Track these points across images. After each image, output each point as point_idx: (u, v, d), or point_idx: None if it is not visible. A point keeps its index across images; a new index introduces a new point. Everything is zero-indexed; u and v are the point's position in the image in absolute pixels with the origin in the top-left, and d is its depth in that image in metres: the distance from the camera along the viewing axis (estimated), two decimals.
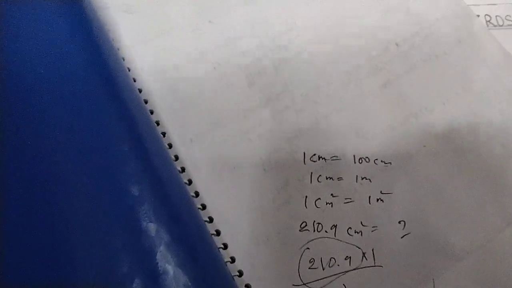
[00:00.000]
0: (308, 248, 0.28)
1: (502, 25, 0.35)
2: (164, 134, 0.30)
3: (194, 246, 0.25)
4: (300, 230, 0.28)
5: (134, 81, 0.31)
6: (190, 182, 0.29)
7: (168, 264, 0.22)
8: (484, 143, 0.31)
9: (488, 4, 0.37)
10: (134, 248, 0.22)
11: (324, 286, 0.27)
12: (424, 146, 0.31)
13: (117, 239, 0.22)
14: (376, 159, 0.30)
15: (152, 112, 0.30)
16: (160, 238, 0.23)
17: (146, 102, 0.30)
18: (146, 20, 0.34)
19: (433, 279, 0.28)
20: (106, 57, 0.29)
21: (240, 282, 0.27)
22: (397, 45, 0.33)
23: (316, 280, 0.27)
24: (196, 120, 0.31)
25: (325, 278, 0.28)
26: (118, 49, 0.32)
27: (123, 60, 0.31)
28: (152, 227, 0.23)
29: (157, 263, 0.22)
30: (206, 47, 0.33)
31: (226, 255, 0.27)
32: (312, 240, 0.28)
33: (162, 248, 0.22)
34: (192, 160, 0.30)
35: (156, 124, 0.30)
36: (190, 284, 0.22)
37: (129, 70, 0.31)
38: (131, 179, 0.24)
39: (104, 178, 0.24)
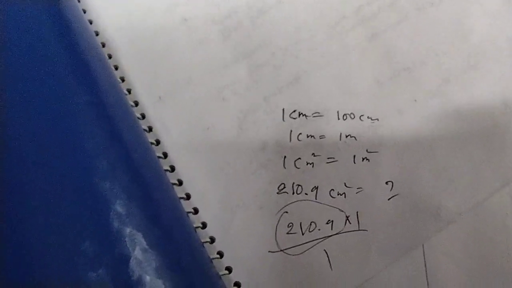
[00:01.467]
0: (286, 212, 0.26)
1: None
2: (129, 91, 0.28)
3: (160, 213, 0.22)
4: (278, 193, 0.26)
5: (97, 34, 0.28)
6: (158, 142, 0.27)
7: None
8: (481, 98, 0.28)
9: None
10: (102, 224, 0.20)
11: (303, 252, 0.25)
12: (415, 100, 0.28)
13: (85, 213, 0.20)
14: (362, 115, 0.28)
15: (116, 68, 0.28)
16: (128, 214, 0.20)
17: (110, 57, 0.28)
18: None
19: (422, 244, 0.25)
20: (63, 8, 0.26)
21: (212, 248, 0.25)
22: None
23: (294, 246, 0.25)
24: (165, 77, 0.28)
25: (304, 243, 0.25)
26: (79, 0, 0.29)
27: (84, 12, 0.29)
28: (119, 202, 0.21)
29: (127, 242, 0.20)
30: (174, 0, 0.30)
31: (196, 221, 0.25)
32: (291, 203, 0.26)
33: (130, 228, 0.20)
34: (161, 119, 0.28)
35: (121, 81, 0.27)
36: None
37: (91, 23, 0.28)
38: (93, 142, 0.22)
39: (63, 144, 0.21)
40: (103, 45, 0.28)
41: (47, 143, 0.21)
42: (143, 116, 0.27)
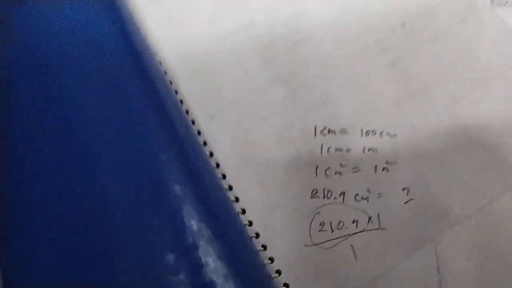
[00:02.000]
0: (318, 213, 0.31)
1: (506, 3, 0.36)
2: (187, 112, 0.33)
3: (220, 217, 0.28)
4: (311, 197, 0.31)
5: (160, 64, 0.34)
6: (211, 154, 0.32)
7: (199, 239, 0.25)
8: (486, 115, 0.33)
9: None
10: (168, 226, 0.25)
11: (333, 246, 0.30)
12: (428, 118, 0.33)
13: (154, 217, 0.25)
14: (382, 132, 0.32)
15: (176, 92, 0.34)
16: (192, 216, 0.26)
17: (171, 83, 0.34)
18: (170, 10, 0.37)
19: (434, 241, 0.30)
20: (137, 43, 0.32)
21: (257, 242, 0.30)
22: (403, 25, 0.35)
23: (325, 241, 0.30)
24: (215, 99, 0.34)
25: (334, 239, 0.30)
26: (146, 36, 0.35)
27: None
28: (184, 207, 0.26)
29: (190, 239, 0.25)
30: (223, 34, 0.36)
31: (244, 219, 0.31)
32: (322, 206, 0.31)
33: (194, 223, 0.26)
34: (212, 135, 0.33)
35: (180, 103, 0.33)
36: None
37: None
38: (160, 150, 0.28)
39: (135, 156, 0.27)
40: (165, 73, 0.34)
41: (126, 165, 0.26)
42: (199, 133, 0.33)
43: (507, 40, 0.35)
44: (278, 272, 0.30)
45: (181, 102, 0.33)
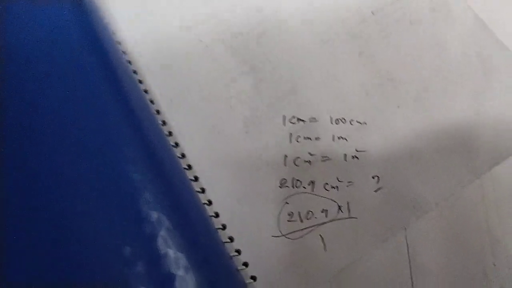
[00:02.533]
0: (287, 203, 0.30)
1: None
2: (152, 101, 0.32)
3: (187, 206, 0.27)
4: (280, 187, 0.30)
5: (125, 53, 0.33)
6: (177, 144, 0.31)
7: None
8: (455, 104, 0.32)
9: None
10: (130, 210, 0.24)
11: (302, 237, 0.29)
12: (398, 107, 0.32)
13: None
14: (352, 120, 0.32)
15: (141, 82, 0.32)
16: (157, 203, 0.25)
17: (135, 72, 0.33)
18: None
19: (404, 229, 0.30)
20: (95, 24, 0.31)
21: (224, 234, 0.29)
22: (372, 13, 0.35)
23: (294, 232, 0.29)
24: (181, 89, 0.33)
25: (303, 229, 0.30)
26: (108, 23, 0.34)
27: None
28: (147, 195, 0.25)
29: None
30: (191, 23, 0.35)
31: (210, 211, 0.30)
32: (291, 195, 0.30)
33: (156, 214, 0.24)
34: (178, 126, 0.32)
35: (145, 92, 0.32)
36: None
37: (119, 44, 0.33)
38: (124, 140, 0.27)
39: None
40: (130, 63, 0.33)
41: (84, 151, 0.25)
42: (164, 123, 0.32)
43: (477, 30, 0.35)
44: (245, 264, 0.29)
45: (146, 92, 0.32)
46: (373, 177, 0.31)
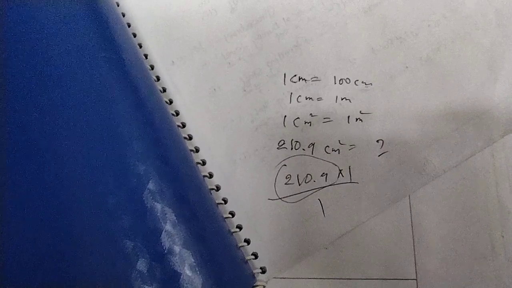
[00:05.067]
0: (285, 165, 0.29)
1: None
2: (146, 56, 0.30)
3: (178, 164, 0.25)
4: (278, 148, 0.29)
5: (118, 5, 0.31)
6: (170, 101, 0.30)
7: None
8: (469, 65, 0.30)
9: None
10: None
11: (299, 201, 0.28)
12: (407, 67, 0.30)
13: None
14: (357, 80, 0.30)
15: (135, 35, 0.31)
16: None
17: (129, 25, 0.31)
18: None
19: (409, 196, 0.28)
20: None
21: (217, 196, 0.28)
22: None
23: (291, 195, 0.28)
24: (178, 43, 0.31)
25: (300, 193, 0.28)
26: None
27: None
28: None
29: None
30: None
31: (204, 171, 0.28)
32: (289, 157, 0.29)
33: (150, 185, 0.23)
34: (173, 81, 0.30)
35: (139, 47, 0.30)
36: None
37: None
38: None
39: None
40: (123, 15, 0.31)
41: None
42: (158, 79, 0.30)
43: None
44: (239, 227, 0.27)
45: (140, 46, 0.31)
46: (377, 141, 0.29)
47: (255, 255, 0.27)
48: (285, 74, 0.30)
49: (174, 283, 0.20)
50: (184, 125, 0.29)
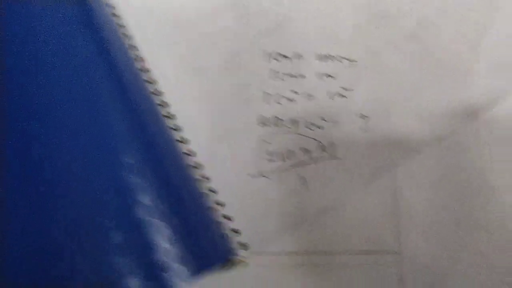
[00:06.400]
0: (267, 142, 0.28)
1: None
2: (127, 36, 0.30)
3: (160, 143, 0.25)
4: (260, 125, 0.29)
5: None
6: (153, 81, 0.29)
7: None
8: (451, 40, 0.30)
9: None
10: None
11: (282, 177, 0.28)
12: (391, 43, 0.30)
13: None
14: (341, 57, 0.30)
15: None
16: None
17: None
18: None
19: (392, 172, 0.28)
20: None
21: (199, 173, 0.28)
22: None
23: (274, 171, 0.28)
24: (158, 21, 0.31)
25: (283, 169, 0.28)
26: None
27: None
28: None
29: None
30: None
31: (185, 149, 0.28)
32: (272, 134, 0.28)
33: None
34: (156, 61, 0.30)
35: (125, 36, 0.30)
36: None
37: None
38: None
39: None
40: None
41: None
42: (138, 56, 0.30)
43: None
44: (221, 204, 0.27)
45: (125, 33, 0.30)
46: (361, 117, 0.29)
47: (238, 231, 0.27)
48: (268, 52, 0.30)
49: (150, 254, 0.20)
50: (166, 104, 0.29)
